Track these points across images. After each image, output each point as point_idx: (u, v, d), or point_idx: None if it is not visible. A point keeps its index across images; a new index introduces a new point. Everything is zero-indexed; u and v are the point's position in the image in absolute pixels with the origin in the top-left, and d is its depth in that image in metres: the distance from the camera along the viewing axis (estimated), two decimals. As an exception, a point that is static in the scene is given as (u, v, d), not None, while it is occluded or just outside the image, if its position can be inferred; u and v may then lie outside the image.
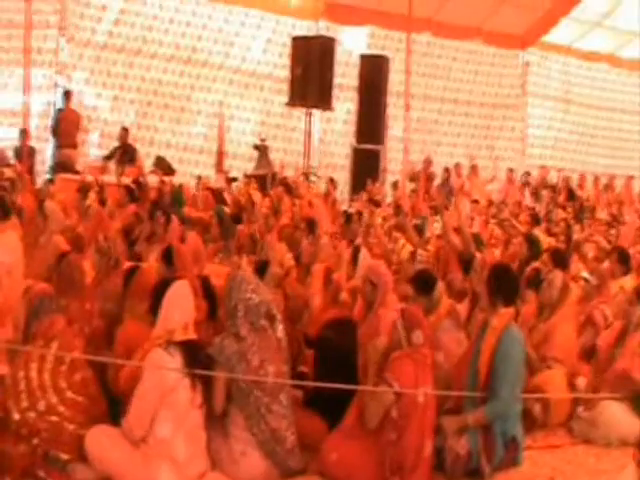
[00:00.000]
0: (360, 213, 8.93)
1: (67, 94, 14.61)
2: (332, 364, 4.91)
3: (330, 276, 5.84)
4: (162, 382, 4.12)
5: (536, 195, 14.52)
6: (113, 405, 4.46)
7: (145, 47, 16.41)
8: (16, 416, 4.12)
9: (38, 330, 4.48)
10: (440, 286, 5.74)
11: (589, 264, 7.44)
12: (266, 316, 4.55)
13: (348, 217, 8.99)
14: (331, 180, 12.19)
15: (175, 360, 4.17)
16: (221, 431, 4.41)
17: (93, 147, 15.58)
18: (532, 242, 7.93)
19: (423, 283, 5.62)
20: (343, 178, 15.84)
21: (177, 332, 4.25)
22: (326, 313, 5.68)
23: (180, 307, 4.35)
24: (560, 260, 7.04)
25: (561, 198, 12.82)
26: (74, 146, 14.38)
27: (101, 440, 4.17)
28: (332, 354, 5.00)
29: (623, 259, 7.23)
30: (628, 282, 6.85)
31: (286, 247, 7.63)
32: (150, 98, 16.53)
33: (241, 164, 16.20)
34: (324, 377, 4.65)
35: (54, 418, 4.19)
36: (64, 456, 4.15)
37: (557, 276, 6.16)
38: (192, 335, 4.33)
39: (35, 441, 4.12)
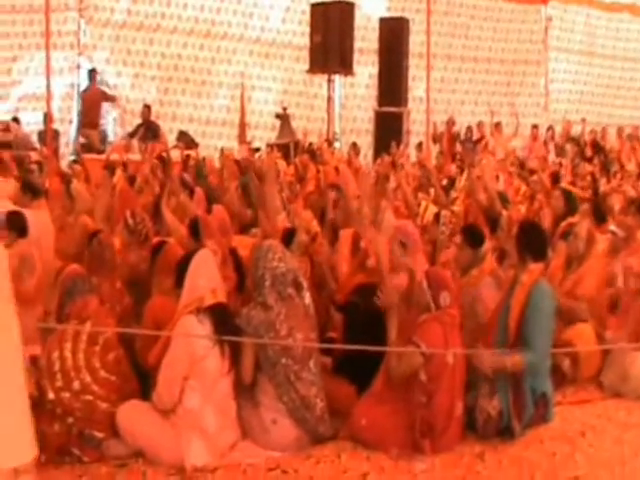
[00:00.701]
0: (386, 176, 8.91)
1: (92, 73, 14.74)
2: (360, 330, 4.94)
3: (358, 242, 5.83)
4: (192, 350, 4.18)
5: (561, 150, 14.40)
6: (144, 382, 4.53)
7: (164, 23, 16.42)
8: (51, 395, 4.20)
9: (72, 311, 4.56)
10: (487, 244, 5.77)
11: (616, 216, 7.40)
12: (293, 284, 4.59)
13: (377, 179, 8.97)
14: (354, 145, 12.17)
15: (205, 328, 4.23)
16: (251, 400, 4.47)
17: (116, 125, 15.69)
18: (568, 197, 7.91)
19: (472, 236, 5.65)
20: (366, 142, 15.83)
21: (206, 298, 4.30)
22: (354, 279, 5.70)
23: (205, 274, 4.40)
24: (599, 213, 7.03)
25: (587, 151, 12.69)
26: (95, 126, 14.52)
27: (132, 415, 4.27)
28: (360, 320, 5.03)
29: None
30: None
31: (312, 214, 7.65)
32: (171, 73, 16.55)
33: (264, 134, 16.21)
34: (353, 343, 4.69)
35: (88, 397, 4.25)
36: (98, 434, 4.24)
37: (582, 227, 6.15)
38: (222, 299, 4.39)
39: (70, 420, 4.20)
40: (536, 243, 5.02)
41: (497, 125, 15.88)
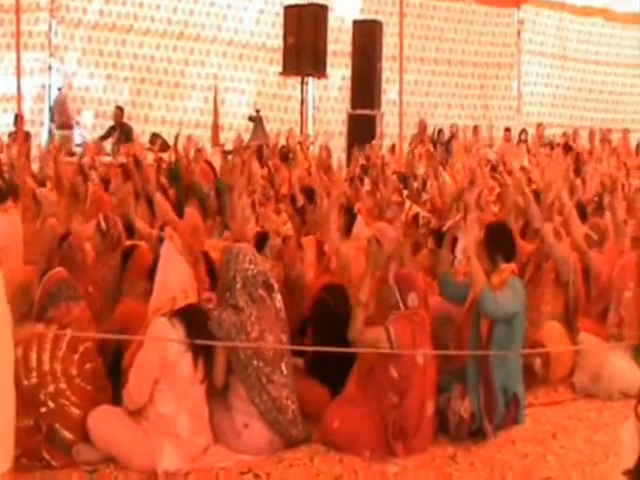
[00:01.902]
0: (360, 178, 8.93)
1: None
2: (329, 329, 4.93)
3: (322, 247, 5.84)
4: (163, 353, 4.15)
5: (533, 153, 14.51)
6: (118, 391, 4.47)
7: (137, 24, 16.30)
8: (25, 382, 4.12)
9: (54, 316, 4.49)
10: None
11: (590, 219, 7.46)
12: (264, 286, 4.58)
13: (351, 181, 8.99)
14: (326, 147, 12.18)
15: (177, 332, 4.19)
16: (222, 404, 4.45)
17: (88, 128, 15.57)
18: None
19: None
20: (340, 145, 15.85)
21: (179, 298, 4.26)
22: (320, 281, 5.70)
23: (175, 272, 4.35)
24: (581, 213, 7.06)
25: (559, 154, 12.78)
26: (70, 127, 14.41)
27: (103, 420, 4.22)
28: (328, 318, 5.01)
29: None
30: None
31: (284, 217, 7.65)
32: (144, 75, 16.45)
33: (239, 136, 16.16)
34: (323, 342, 4.70)
35: (62, 401, 4.21)
36: (69, 435, 4.19)
37: (548, 229, 6.20)
38: (194, 299, 4.36)
39: (43, 409, 4.14)
40: (505, 244, 5.05)
41: (475, 129, 15.97)
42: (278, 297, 4.65)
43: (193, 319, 4.29)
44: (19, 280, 4.84)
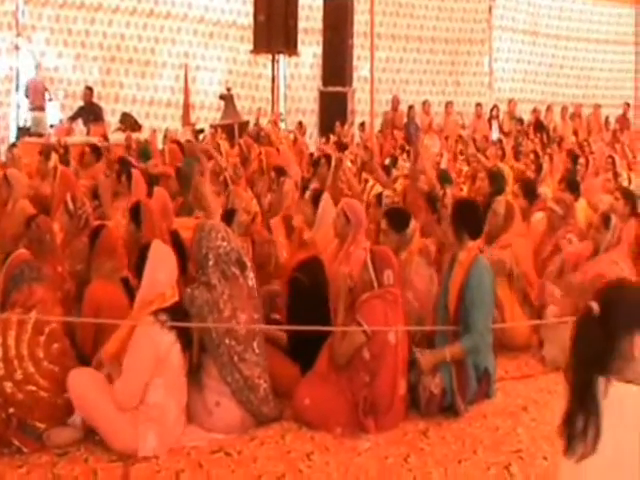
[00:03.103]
0: (328, 157, 8.88)
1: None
2: (304, 306, 4.93)
3: (290, 223, 5.82)
4: (155, 353, 4.10)
5: (504, 128, 14.55)
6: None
7: (106, 2, 16.10)
8: None
9: (17, 299, 4.42)
10: (413, 224, 5.76)
11: (555, 193, 7.49)
12: (237, 264, 4.53)
13: (316, 161, 8.95)
14: (299, 124, 12.12)
15: (167, 330, 4.15)
16: (195, 384, 4.43)
17: (57, 108, 15.39)
18: (494, 177, 7.98)
19: (397, 219, 5.60)
20: (312, 122, 15.81)
21: (167, 294, 4.22)
22: (295, 257, 5.68)
23: (165, 268, 4.31)
24: (529, 191, 7.10)
25: (530, 130, 12.83)
26: (43, 109, 14.27)
27: (86, 387, 4.15)
28: (304, 295, 5.00)
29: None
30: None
31: (253, 195, 7.63)
32: (113, 54, 16.27)
33: (209, 114, 16.10)
34: (297, 320, 4.71)
35: (31, 387, 4.15)
36: (40, 425, 4.15)
37: (500, 203, 6.22)
38: (177, 296, 4.30)
39: (11, 410, 4.10)
40: (472, 221, 5.06)
41: (448, 104, 15.97)
42: (251, 275, 4.62)
43: (180, 313, 4.26)
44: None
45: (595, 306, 2.37)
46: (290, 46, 14.81)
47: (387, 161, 9.20)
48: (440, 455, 4.26)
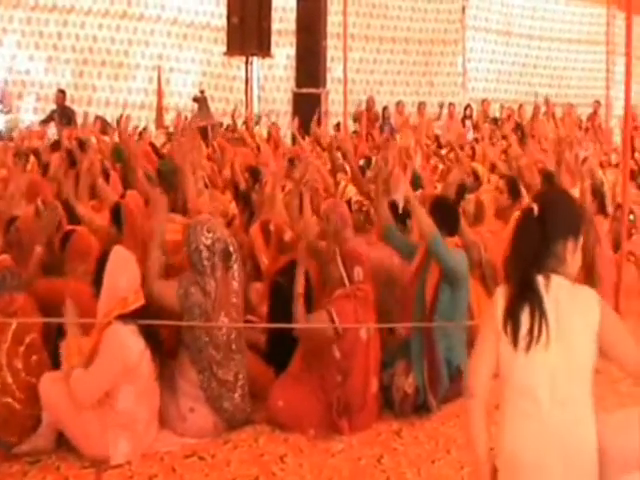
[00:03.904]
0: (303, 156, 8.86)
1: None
2: (285, 310, 4.82)
3: (267, 228, 5.79)
4: (124, 360, 4.07)
5: (478, 128, 14.60)
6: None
7: (78, 4, 15.98)
8: None
9: (-2, 306, 4.37)
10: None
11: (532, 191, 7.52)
12: (222, 254, 4.49)
13: (291, 161, 8.93)
14: (274, 125, 12.13)
15: (135, 335, 4.12)
16: (169, 389, 4.41)
17: (29, 112, 15.28)
18: (474, 174, 8.01)
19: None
20: (285, 123, 15.79)
21: (129, 299, 4.18)
22: (276, 263, 5.66)
23: (125, 273, 4.25)
24: (513, 187, 7.10)
25: (504, 129, 12.90)
26: (15, 111, 14.19)
27: (57, 393, 4.12)
28: (284, 299, 4.90)
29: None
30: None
31: (229, 197, 7.60)
32: (86, 56, 16.17)
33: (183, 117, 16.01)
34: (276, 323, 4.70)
35: (7, 399, 4.11)
36: (12, 439, 4.12)
37: (470, 202, 6.27)
38: (141, 300, 4.26)
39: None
40: (448, 218, 5.09)
41: (420, 105, 16.01)
42: (235, 267, 4.53)
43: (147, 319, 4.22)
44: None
45: (535, 207, 2.53)
46: (264, 48, 14.77)
47: (361, 162, 9.18)
48: (413, 455, 4.28)
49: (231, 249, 4.53)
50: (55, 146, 9.60)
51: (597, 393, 2.62)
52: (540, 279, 2.50)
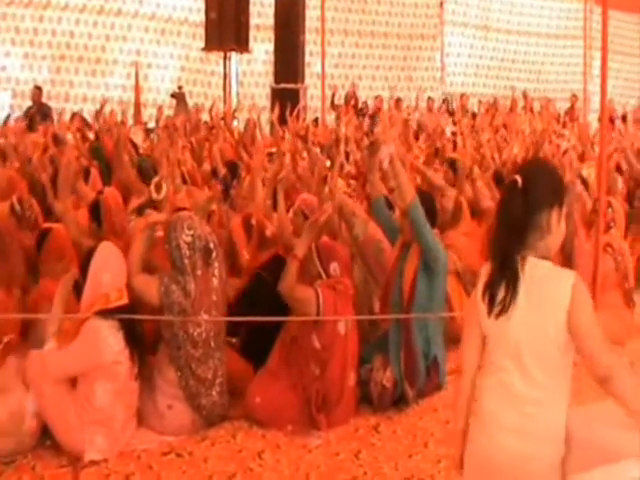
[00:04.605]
0: (283, 152, 8.84)
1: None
2: (266, 304, 4.84)
3: (249, 223, 5.76)
4: (100, 357, 4.05)
5: (456, 122, 14.61)
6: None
7: (54, -1, 15.93)
8: None
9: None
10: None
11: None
12: (203, 251, 4.44)
13: (269, 154, 8.91)
14: (252, 121, 12.08)
15: (113, 332, 4.10)
16: (147, 386, 4.39)
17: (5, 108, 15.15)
18: (453, 167, 8.00)
19: None
20: (264, 119, 15.75)
21: (112, 296, 4.16)
22: (258, 259, 5.64)
23: (109, 269, 4.23)
24: (503, 182, 7.11)
25: (481, 123, 12.92)
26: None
27: (43, 380, 4.09)
28: (265, 293, 4.91)
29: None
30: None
31: (209, 193, 7.55)
32: (63, 52, 16.09)
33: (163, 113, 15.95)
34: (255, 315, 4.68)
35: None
36: None
37: (449, 200, 6.28)
38: (124, 299, 4.23)
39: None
40: (428, 210, 5.08)
41: (397, 101, 16.01)
42: (216, 264, 4.51)
43: (128, 319, 4.19)
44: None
45: (519, 179, 2.53)
46: (242, 43, 14.72)
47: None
48: (391, 450, 4.29)
49: (211, 246, 4.51)
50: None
51: (574, 387, 2.63)
52: (517, 259, 2.54)
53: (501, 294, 2.53)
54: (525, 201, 2.52)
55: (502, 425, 2.57)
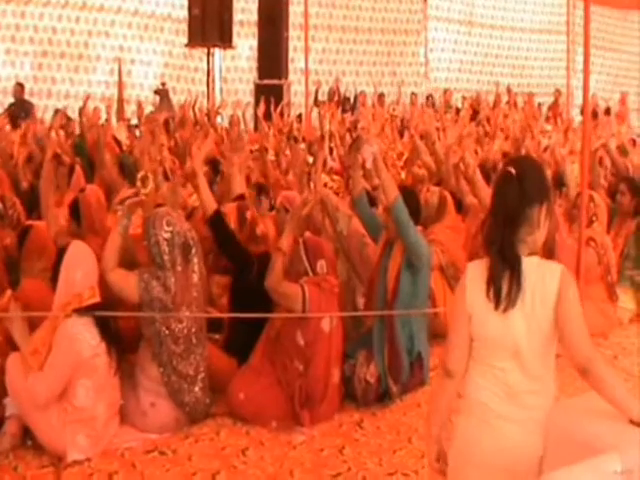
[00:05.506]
0: (265, 148, 8.83)
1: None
2: (251, 301, 4.85)
3: (244, 214, 5.74)
4: (78, 353, 4.02)
5: (439, 118, 14.62)
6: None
7: (36, -6, 15.81)
8: None
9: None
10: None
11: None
12: (183, 247, 4.43)
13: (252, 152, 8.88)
14: (235, 117, 12.05)
15: (88, 328, 4.07)
16: (129, 384, 4.37)
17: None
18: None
19: None
20: (248, 115, 15.73)
21: (85, 295, 4.12)
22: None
23: (81, 268, 4.19)
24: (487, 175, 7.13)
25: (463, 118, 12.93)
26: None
27: (20, 382, 4.05)
28: (249, 286, 4.93)
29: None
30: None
31: (190, 190, 7.53)
32: (45, 48, 15.94)
33: (145, 109, 15.88)
34: (240, 310, 4.68)
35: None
36: None
37: (434, 194, 6.29)
38: (97, 297, 4.20)
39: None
40: (411, 207, 5.08)
41: (380, 97, 16.01)
42: (195, 260, 4.49)
43: (101, 316, 4.16)
44: None
45: (512, 169, 2.57)
46: (225, 39, 14.66)
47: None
48: (375, 445, 4.30)
49: (190, 242, 4.49)
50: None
51: (559, 379, 2.66)
52: (518, 251, 2.57)
53: (505, 288, 2.54)
54: (521, 192, 2.54)
55: (500, 416, 2.59)
